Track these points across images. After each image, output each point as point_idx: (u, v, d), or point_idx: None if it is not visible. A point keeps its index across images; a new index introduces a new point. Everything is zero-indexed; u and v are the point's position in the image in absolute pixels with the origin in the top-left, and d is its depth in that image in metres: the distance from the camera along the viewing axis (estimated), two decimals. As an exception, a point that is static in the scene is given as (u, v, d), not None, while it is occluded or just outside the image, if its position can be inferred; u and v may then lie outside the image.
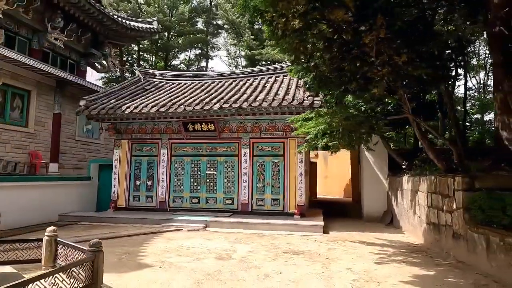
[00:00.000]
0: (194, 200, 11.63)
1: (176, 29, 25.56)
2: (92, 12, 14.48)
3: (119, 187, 12.16)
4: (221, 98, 10.92)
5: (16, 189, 10.10)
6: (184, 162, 11.85)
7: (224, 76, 13.83)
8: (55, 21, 13.77)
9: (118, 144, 12.35)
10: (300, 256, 6.71)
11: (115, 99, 11.88)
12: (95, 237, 8.18)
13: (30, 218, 10.28)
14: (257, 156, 11.29)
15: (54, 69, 12.74)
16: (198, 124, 11.27)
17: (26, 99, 12.28)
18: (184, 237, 8.55)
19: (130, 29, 17.10)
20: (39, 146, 12.60)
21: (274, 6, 4.58)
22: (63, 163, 13.62)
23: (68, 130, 14.09)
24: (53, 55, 14.84)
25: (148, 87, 13.45)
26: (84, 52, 16.31)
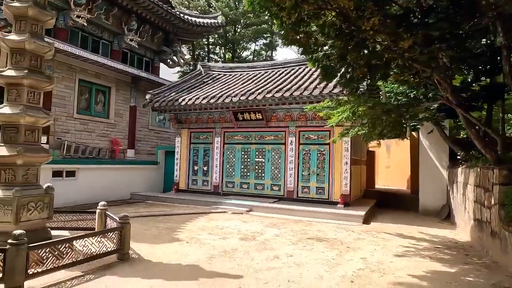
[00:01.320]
0: (244, 186, 12.33)
1: (242, 21, 26.42)
2: (161, 13, 16.02)
3: (180, 171, 13.53)
4: (267, 88, 11.28)
5: (99, 170, 12.09)
6: (236, 150, 12.60)
7: (276, 65, 14.09)
8: (131, 24, 15.64)
9: (179, 133, 13.68)
10: (322, 243, 6.84)
11: (175, 92, 13.15)
12: (150, 213, 9.47)
13: (109, 195, 12.20)
14: (303, 144, 11.42)
15: (129, 67, 14.58)
16: (246, 114, 11.84)
17: (107, 94, 14.35)
18: (224, 218, 9.29)
19: (196, 26, 18.38)
20: (118, 135, 14.67)
21: (272, 1, 4.77)
22: (138, 149, 15.62)
23: (142, 120, 16.03)
24: (131, 54, 16.89)
25: (206, 80, 14.48)
26: (157, 50, 18.15)
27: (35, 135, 5.24)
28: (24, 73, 4.99)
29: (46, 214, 5.18)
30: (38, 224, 5.09)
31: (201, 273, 4.82)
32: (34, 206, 4.98)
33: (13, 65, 5.11)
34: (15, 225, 4.71)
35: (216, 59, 28.73)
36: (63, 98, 12.38)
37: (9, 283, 3.79)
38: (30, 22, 5.19)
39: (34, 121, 5.14)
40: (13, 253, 3.82)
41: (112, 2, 14.33)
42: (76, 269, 4.60)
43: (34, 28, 5.25)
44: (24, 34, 5.09)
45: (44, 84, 5.31)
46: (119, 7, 14.75)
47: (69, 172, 10.99)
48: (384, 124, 6.67)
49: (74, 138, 12.58)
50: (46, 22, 5.41)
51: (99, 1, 13.94)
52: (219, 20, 19.46)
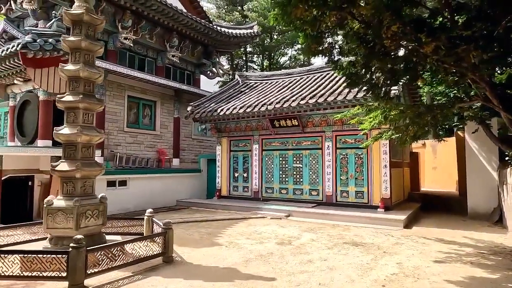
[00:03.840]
0: (283, 191, 12.57)
1: (278, 28, 26.77)
2: (200, 28, 16.89)
3: (222, 178, 14.10)
4: (301, 95, 11.47)
5: (148, 179, 13.03)
6: (273, 156, 12.89)
7: (312, 71, 14.20)
8: (172, 41, 16.66)
9: (219, 141, 14.28)
10: (357, 247, 6.88)
11: (214, 103, 13.79)
12: (193, 219, 10.05)
13: (157, 202, 13.08)
14: (340, 148, 11.41)
15: (171, 82, 15.55)
16: (282, 120, 12.11)
17: (153, 108, 15.40)
18: (263, 223, 9.59)
19: (233, 37, 19.07)
20: (164, 145, 15.65)
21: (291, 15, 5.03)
22: (183, 158, 16.51)
23: (186, 131, 16.92)
24: (173, 69, 17.95)
25: (243, 89, 14.99)
26: (197, 63, 19.08)
27: (90, 151, 5.96)
28: (79, 97, 5.73)
29: (101, 221, 5.85)
30: (94, 230, 5.77)
31: (237, 275, 5.15)
32: (91, 214, 5.67)
33: (71, 91, 5.88)
34: (76, 231, 5.40)
35: (254, 68, 29.36)
36: (115, 114, 13.54)
37: (72, 281, 4.42)
38: (83, 52, 5.94)
39: (89, 139, 5.85)
40: (75, 255, 4.44)
41: (155, 22, 15.41)
42: (126, 269, 5.17)
43: (87, 58, 6.00)
44: (78, 64, 5.85)
45: (96, 106, 6.04)
46: (161, 26, 15.81)
47: (121, 182, 12.00)
48: (418, 127, 6.58)
49: (125, 150, 13.68)
50: (96, 51, 6.15)
51: (143, 23, 15.07)
52: (255, 30, 19.99)
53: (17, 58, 8.32)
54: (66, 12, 5.88)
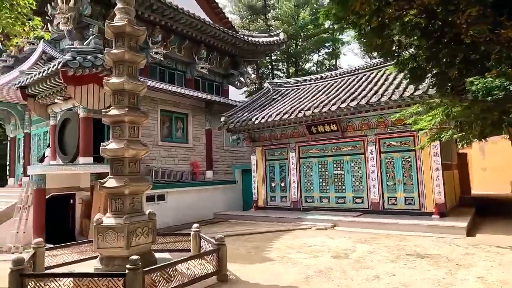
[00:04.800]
0: (324, 200, 12.00)
1: (302, 34, 26.48)
2: (227, 39, 16.82)
3: (258, 188, 13.71)
4: (339, 98, 10.99)
5: (184, 193, 12.84)
6: (312, 163, 12.38)
7: (345, 74, 13.69)
8: (200, 53, 16.66)
9: (254, 151, 13.95)
10: (424, 260, 6.24)
11: (247, 112, 13.52)
12: (236, 233, 9.68)
13: (194, 215, 12.84)
14: (385, 152, 10.77)
15: (202, 93, 15.47)
16: (320, 126, 11.63)
17: (185, 121, 15.33)
18: (309, 235, 9.08)
19: (260, 45, 18.90)
20: (197, 157, 15.49)
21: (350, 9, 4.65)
22: (216, 170, 16.28)
23: (217, 142, 16.72)
24: (202, 81, 17.93)
25: (275, 97, 14.65)
26: (225, 74, 19.01)
27: (137, 165, 5.74)
28: (125, 110, 5.54)
29: (151, 238, 5.58)
30: (144, 248, 5.50)
31: (301, 295, 4.70)
32: (141, 231, 5.40)
33: (115, 105, 5.71)
34: (127, 250, 5.14)
35: (279, 75, 29.07)
36: (149, 128, 13.52)
37: (130, 305, 4.11)
38: (126, 65, 5.79)
39: (135, 153, 5.64)
40: (132, 277, 4.15)
41: (184, 35, 15.45)
42: (182, 291, 4.82)
43: (130, 70, 5.84)
44: (122, 76, 5.69)
45: (141, 119, 5.84)
46: (189, 39, 15.85)
47: (159, 196, 11.85)
48: (486, 123, 5.94)
49: (160, 164, 13.59)
50: (139, 63, 5.99)
51: (172, 37, 15.15)
52: (281, 37, 19.74)
53: (58, 77, 8.38)
54: (108, 25, 5.77)
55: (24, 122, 14.68)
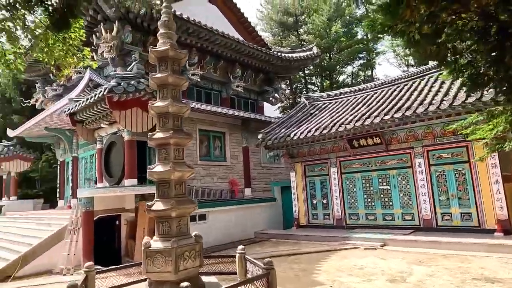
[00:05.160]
0: (370, 217, 11.41)
1: (336, 46, 26.17)
2: (261, 56, 16.97)
3: (299, 206, 13.34)
4: (382, 110, 10.54)
5: (225, 212, 12.76)
6: (355, 179, 11.88)
7: (386, 84, 13.18)
8: (235, 72, 16.90)
9: (293, 167, 13.67)
10: (495, 285, 5.61)
11: (285, 128, 13.35)
12: (279, 253, 9.38)
13: (234, 234, 12.69)
14: (435, 165, 10.10)
15: (238, 111, 15.59)
16: (362, 140, 11.19)
17: (222, 139, 15.44)
18: (358, 255, 8.57)
19: (293, 61, 18.89)
20: (235, 175, 15.46)
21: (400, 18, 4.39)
22: (254, 187, 16.14)
23: (254, 159, 16.64)
24: (238, 99, 18.14)
25: (312, 111, 14.40)
26: (259, 91, 19.12)
27: (182, 187, 5.71)
28: (170, 133, 5.56)
29: (198, 262, 5.45)
30: (192, 272, 5.37)
31: (361, 326, 4.32)
32: (189, 255, 5.29)
33: (160, 127, 5.77)
34: (175, 275, 5.03)
35: (313, 89, 28.83)
36: (188, 148, 13.73)
37: (182, 335, 3.95)
38: (170, 88, 5.85)
39: (181, 175, 5.61)
40: (183, 305, 4.01)
41: (219, 56, 15.78)
42: (233, 319, 4.61)
43: (174, 93, 5.90)
44: (166, 99, 5.75)
45: (186, 141, 5.83)
46: (224, 59, 16.15)
47: (200, 216, 11.85)
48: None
49: (199, 183, 13.68)
50: (182, 85, 6.04)
51: (207, 58, 15.52)
52: (314, 51, 19.63)
53: (104, 103, 8.74)
54: (152, 50, 5.90)
55: (72, 147, 15.48)
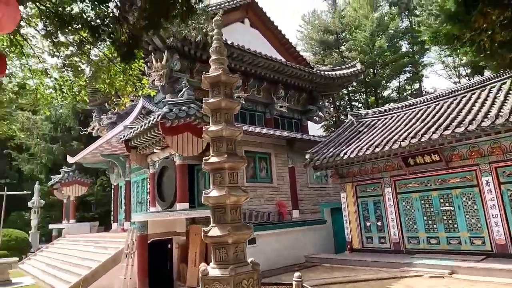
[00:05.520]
0: (432, 241, 10.50)
1: (380, 62, 25.44)
2: (304, 76, 16.92)
3: (351, 228, 12.68)
4: (440, 125, 9.85)
5: (274, 235, 12.45)
6: (412, 199, 11.10)
7: (440, 97, 12.40)
8: (278, 93, 16.95)
9: (343, 188, 13.13)
10: None
11: (333, 147, 12.95)
12: (337, 280, 8.86)
13: (284, 259, 12.28)
14: (506, 183, 9.14)
15: (283, 131, 15.47)
16: (419, 157, 10.49)
17: (268, 160, 15.32)
18: (425, 285, 7.83)
19: (337, 78, 18.59)
20: (282, 197, 15.16)
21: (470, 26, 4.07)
22: (302, 209, 15.69)
23: (301, 180, 16.27)
24: (281, 119, 18.08)
25: (361, 129, 13.88)
26: (303, 110, 18.95)
27: (238, 212, 5.60)
28: (224, 157, 5.54)
29: (256, 290, 5.24)
30: (251, 301, 5.16)
31: None
32: (246, 283, 5.11)
33: (215, 152, 5.77)
34: (234, 304, 4.86)
35: (358, 106, 28.09)
36: (235, 170, 13.76)
37: None
38: (223, 112, 5.89)
39: (236, 200, 5.52)
40: None
41: (262, 77, 15.96)
42: None
43: (227, 117, 5.92)
44: (220, 124, 5.78)
45: (240, 164, 5.78)
46: (267, 81, 16.29)
47: (250, 240, 11.62)
48: None
49: (246, 205, 13.53)
50: (234, 108, 6.06)
51: (251, 80, 15.74)
52: (358, 67, 19.23)
53: (157, 128, 9.05)
54: (205, 76, 6.02)
55: (125, 171, 16.20)
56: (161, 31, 3.46)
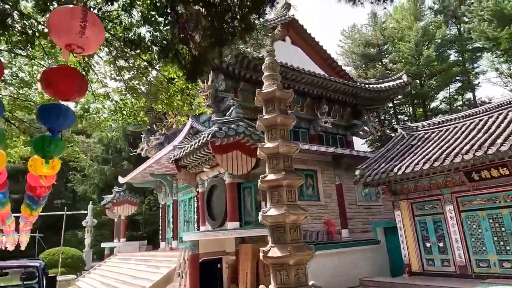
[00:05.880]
0: (505, 264, 9.44)
1: (427, 72, 24.30)
2: (348, 90, 16.56)
3: (409, 250, 11.80)
4: (508, 135, 9.02)
5: (324, 256, 11.88)
6: (479, 218, 10.13)
7: (504, 105, 11.44)
8: (322, 108, 16.68)
9: (397, 205, 12.35)
10: None
11: (384, 163, 12.32)
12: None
13: (336, 282, 11.63)
14: None
15: (329, 148, 15.11)
16: (484, 171, 9.62)
17: (314, 177, 14.93)
18: (506, 315, 6.96)
19: (382, 91, 17.99)
20: (330, 215, 14.61)
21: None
22: (351, 228, 14.99)
23: (349, 197, 15.63)
24: (325, 135, 17.70)
25: (414, 142, 13.12)
26: (347, 125, 18.45)
27: (297, 232, 5.36)
28: (282, 175, 5.38)
29: (321, 317, 4.90)
30: (315, 328, 4.83)
31: None
32: (310, 308, 4.80)
33: (271, 169, 5.63)
34: (298, 330, 4.56)
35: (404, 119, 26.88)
36: (281, 188, 13.52)
37: None
38: (279, 128, 5.79)
39: (296, 219, 5.30)
40: None
41: (305, 94, 15.83)
42: None
43: (282, 133, 5.80)
44: (276, 140, 5.65)
45: (298, 182, 5.58)
46: (311, 96, 16.14)
47: (300, 260, 11.21)
48: None
49: (294, 224, 13.18)
50: (290, 124, 5.94)
51: (294, 97, 15.49)
52: (405, 79, 18.51)
53: (207, 147, 9.13)
54: (259, 92, 5.98)
55: (172, 190, 16.55)
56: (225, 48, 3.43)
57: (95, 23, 1.92)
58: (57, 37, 1.90)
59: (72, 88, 2.36)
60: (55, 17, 1.92)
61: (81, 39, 1.85)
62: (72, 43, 1.85)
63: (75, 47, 1.87)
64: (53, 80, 2.33)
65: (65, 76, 2.37)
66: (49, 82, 2.33)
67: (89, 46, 1.97)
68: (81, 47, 1.88)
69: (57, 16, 1.91)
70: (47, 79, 2.35)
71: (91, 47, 2.02)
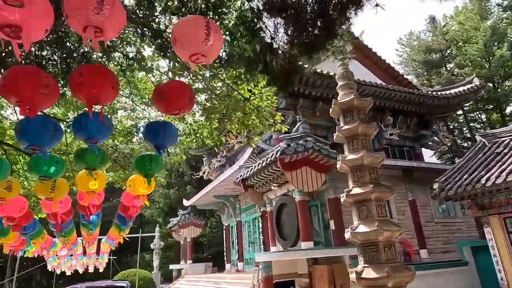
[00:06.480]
0: None
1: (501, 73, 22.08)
2: (413, 99, 15.60)
3: (506, 272, 10.35)
4: None
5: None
6: None
7: None
8: (386, 120, 15.83)
9: (487, 221, 10.99)
10: None
11: (467, 174, 11.15)
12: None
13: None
14: None
15: (398, 161, 14.16)
16: None
17: (384, 193, 14.00)
18: None
19: (451, 98, 16.69)
20: (405, 234, 13.44)
21: None
22: (430, 248, 13.67)
23: (425, 214, 14.37)
24: (391, 148, 16.70)
25: (499, 150, 11.77)
26: (414, 136, 17.27)
27: (392, 250, 4.89)
28: (370, 188, 5.01)
29: None
30: None
31: None
32: (418, 338, 4.25)
33: (356, 182, 5.28)
34: None
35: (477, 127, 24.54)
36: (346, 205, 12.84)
37: None
38: (360, 138, 5.47)
39: (389, 236, 4.85)
40: None
41: (367, 106, 15.16)
42: None
43: (364, 143, 5.47)
44: (359, 151, 5.33)
45: (387, 195, 5.16)
46: (373, 108, 15.34)
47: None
48: None
49: (367, 244, 12.35)
50: (371, 134, 5.59)
51: (356, 110, 15.06)
52: (476, 83, 17.01)
53: (276, 165, 9.00)
54: (335, 103, 5.76)
55: (235, 211, 16.59)
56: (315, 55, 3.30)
57: (216, 30, 1.90)
58: (181, 47, 1.90)
59: (183, 102, 2.37)
60: (179, 28, 1.93)
61: (206, 47, 1.83)
62: (198, 52, 1.84)
63: (199, 56, 1.85)
64: (165, 94, 2.35)
65: (177, 90, 2.39)
66: (162, 97, 2.36)
67: (212, 54, 1.95)
68: (205, 55, 1.86)
69: (182, 26, 1.92)
70: (159, 94, 2.38)
71: (214, 54, 2.00)
